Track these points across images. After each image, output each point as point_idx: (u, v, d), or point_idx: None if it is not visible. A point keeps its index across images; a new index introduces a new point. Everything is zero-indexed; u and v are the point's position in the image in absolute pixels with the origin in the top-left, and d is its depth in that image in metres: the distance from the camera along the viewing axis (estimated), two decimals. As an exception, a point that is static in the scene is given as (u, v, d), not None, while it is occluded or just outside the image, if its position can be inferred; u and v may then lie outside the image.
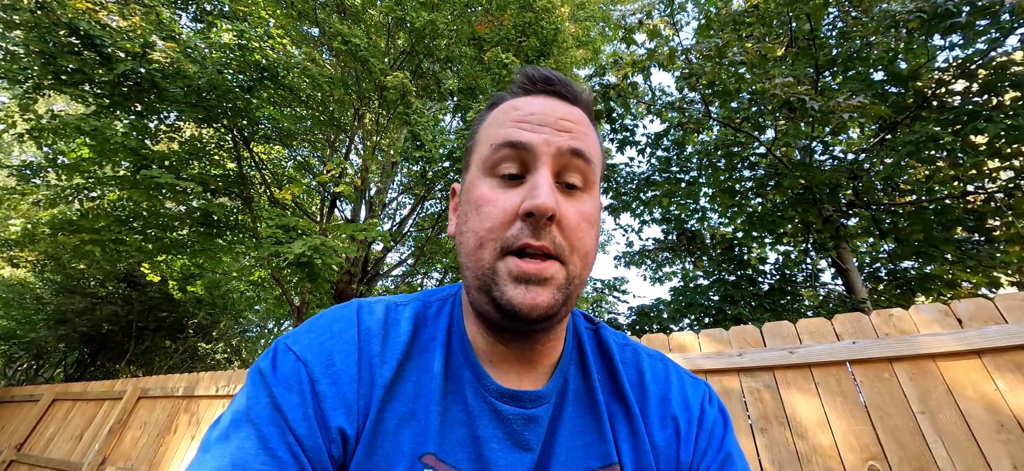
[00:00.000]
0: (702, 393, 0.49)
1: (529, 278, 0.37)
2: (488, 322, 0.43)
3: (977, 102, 3.00)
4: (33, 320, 9.70)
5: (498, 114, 0.45)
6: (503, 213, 0.39)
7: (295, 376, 0.39)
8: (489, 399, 0.43)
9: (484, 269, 0.39)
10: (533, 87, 0.45)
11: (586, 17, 8.33)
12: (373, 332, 0.44)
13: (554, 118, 0.42)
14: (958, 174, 3.42)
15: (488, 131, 0.44)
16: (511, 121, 0.42)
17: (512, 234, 0.38)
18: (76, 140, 4.68)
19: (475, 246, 0.40)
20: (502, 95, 0.48)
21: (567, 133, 0.41)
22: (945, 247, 3.40)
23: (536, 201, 0.37)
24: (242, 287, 9.02)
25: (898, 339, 1.54)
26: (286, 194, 6.20)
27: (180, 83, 4.23)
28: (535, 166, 0.40)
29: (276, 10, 5.68)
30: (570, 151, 0.41)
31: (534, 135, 0.40)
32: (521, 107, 0.43)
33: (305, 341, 0.41)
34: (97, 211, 5.38)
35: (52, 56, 3.92)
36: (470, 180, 0.44)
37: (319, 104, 6.13)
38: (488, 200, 0.40)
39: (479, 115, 0.50)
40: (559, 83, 0.45)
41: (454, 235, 0.46)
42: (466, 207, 0.42)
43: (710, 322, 4.43)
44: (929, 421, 1.41)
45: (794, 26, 3.64)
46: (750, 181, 4.62)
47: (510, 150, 0.40)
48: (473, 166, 0.44)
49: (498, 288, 0.38)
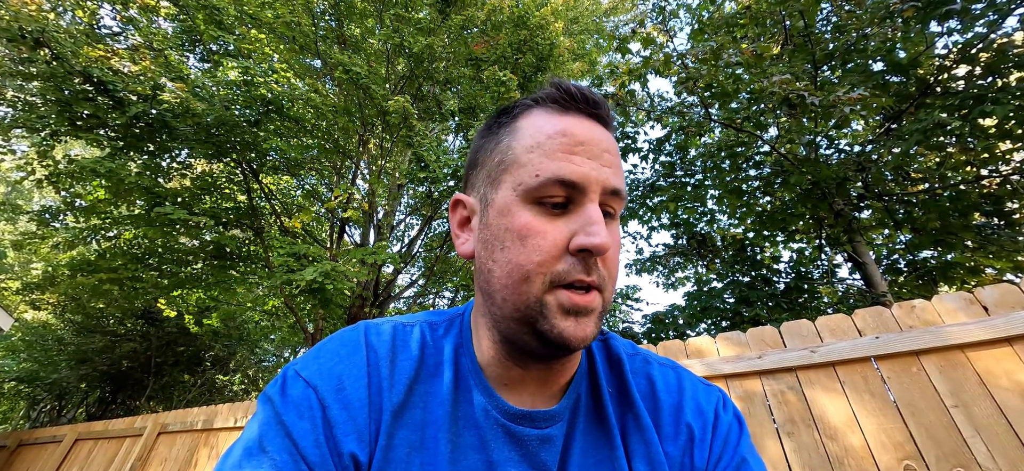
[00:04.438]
0: (716, 398, 0.48)
1: (579, 310, 0.38)
2: (518, 349, 0.42)
3: (982, 85, 2.95)
4: (55, 361, 9.87)
5: (537, 134, 0.41)
6: (554, 247, 0.38)
7: (305, 402, 0.38)
8: (502, 421, 0.42)
9: (530, 302, 0.38)
10: (574, 105, 0.42)
11: (580, 31, 8.46)
12: (381, 354, 0.43)
13: (600, 150, 0.41)
14: (970, 159, 3.35)
15: (532, 156, 0.40)
16: (560, 150, 0.39)
17: (563, 268, 0.38)
18: (92, 183, 4.83)
19: (519, 279, 0.38)
20: (528, 103, 0.44)
21: (610, 168, 0.41)
22: (964, 234, 3.31)
23: (595, 240, 0.37)
24: (256, 317, 9.11)
25: (923, 331, 1.49)
26: (296, 222, 6.30)
27: (189, 121, 4.37)
28: (583, 200, 0.39)
29: (279, 45, 5.87)
30: (613, 191, 0.40)
31: (587, 171, 0.39)
32: (569, 131, 0.40)
33: (314, 366, 0.41)
34: (114, 250, 5.51)
35: (67, 103, 4.09)
36: (504, 204, 0.41)
37: (324, 133, 6.27)
38: (536, 231, 0.38)
39: (493, 122, 0.46)
40: (602, 106, 0.43)
41: (472, 256, 0.45)
42: (501, 233, 0.40)
43: (727, 325, 4.34)
44: (964, 415, 1.35)
45: (788, 24, 3.65)
46: (756, 180, 4.58)
47: (561, 187, 0.39)
48: (506, 187, 0.41)
49: (547, 321, 0.38)
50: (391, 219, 8.16)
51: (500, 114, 0.46)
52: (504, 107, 0.46)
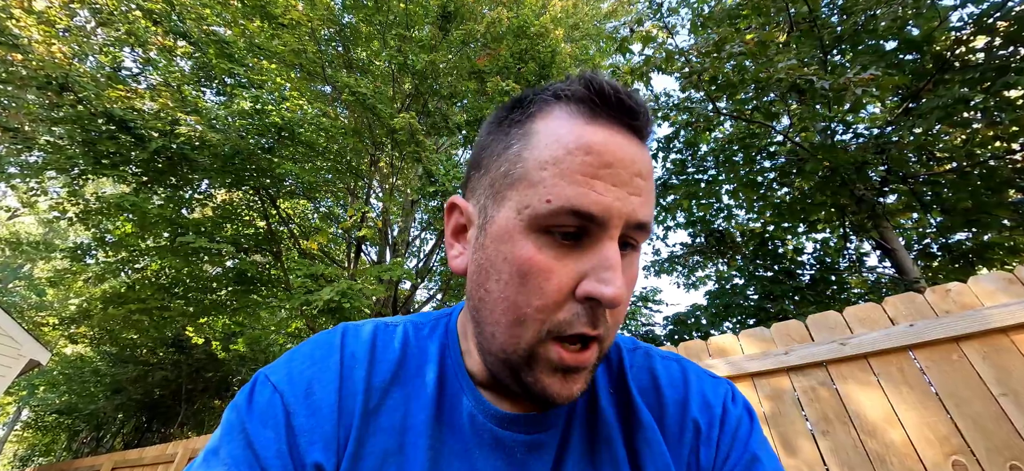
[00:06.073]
0: (725, 391, 0.44)
1: (569, 368, 0.34)
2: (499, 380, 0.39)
3: (1003, 55, 2.82)
4: (92, 393, 10.26)
5: (554, 145, 0.34)
6: (557, 291, 0.32)
7: (270, 409, 0.37)
8: (489, 426, 0.39)
9: (519, 349, 0.34)
10: (604, 109, 0.34)
11: (582, 36, 8.49)
12: (358, 357, 0.41)
13: (630, 175, 0.33)
14: (999, 133, 3.19)
15: (545, 174, 0.33)
16: (580, 172, 0.32)
17: (565, 318, 0.32)
18: (119, 218, 5.05)
19: (512, 321, 0.34)
20: (548, 99, 0.36)
21: (639, 196, 0.33)
22: (999, 212, 3.14)
23: (607, 291, 0.31)
24: (281, 340, 9.30)
25: (961, 315, 1.40)
26: (313, 244, 6.44)
27: (207, 152, 4.54)
28: (601, 236, 0.32)
29: (289, 74, 6.07)
30: (638, 225, 0.34)
31: (611, 201, 0.32)
32: (595, 148, 0.33)
33: (284, 371, 0.40)
34: (142, 282, 5.73)
35: (92, 143, 4.30)
36: (505, 227, 0.34)
37: (336, 155, 6.42)
38: (540, 270, 0.32)
39: (503, 117, 0.39)
40: (641, 114, 0.34)
41: (461, 272, 0.40)
42: (499, 262, 0.34)
43: (753, 323, 4.21)
44: (1014, 404, 1.26)
45: (792, 11, 3.58)
46: (772, 171, 4.46)
47: (576, 218, 0.32)
48: (510, 207, 0.34)
49: (532, 375, 0.34)
50: (406, 235, 8.25)
51: (514, 106, 0.39)
52: (519, 97, 0.39)
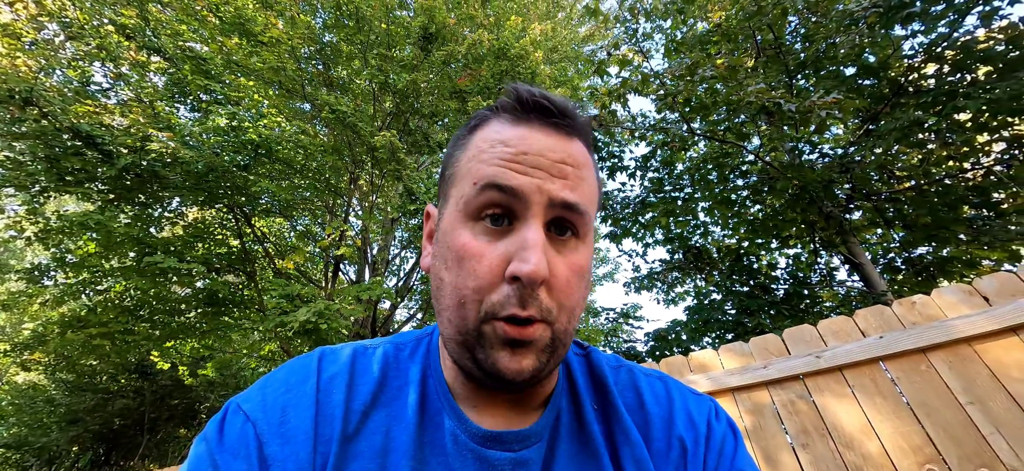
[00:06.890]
0: (708, 408, 0.45)
1: (514, 342, 0.34)
2: (471, 378, 0.39)
3: (952, 81, 3.04)
4: (45, 424, 9.52)
5: (482, 143, 0.38)
6: (488, 272, 0.34)
7: (242, 440, 0.36)
8: (472, 446, 0.38)
9: (467, 329, 0.35)
10: (525, 113, 0.38)
11: (560, 58, 8.72)
12: (335, 381, 0.40)
13: (550, 161, 0.36)
14: (951, 153, 3.41)
15: (471, 165, 0.37)
16: (499, 158, 0.36)
17: (497, 300, 0.34)
18: (82, 237, 4.79)
19: (457, 303, 0.36)
20: (485, 114, 0.41)
21: (562, 179, 0.36)
22: (956, 227, 3.33)
23: (525, 268, 0.32)
24: (253, 363, 8.89)
25: (927, 327, 1.46)
26: (289, 263, 6.25)
27: (179, 170, 4.39)
28: (524, 215, 0.35)
29: (268, 91, 5.98)
30: (563, 204, 0.35)
31: (525, 180, 0.35)
32: (512, 141, 0.36)
33: (257, 399, 0.38)
34: (105, 304, 5.41)
35: (56, 159, 4.10)
36: (449, 220, 0.38)
37: (314, 173, 6.31)
38: (471, 253, 0.35)
39: (457, 135, 0.43)
40: (557, 110, 0.38)
41: (428, 271, 0.42)
42: (445, 251, 0.38)
43: (731, 337, 4.27)
44: (981, 412, 1.30)
45: (759, 38, 3.78)
46: (745, 189, 4.62)
47: (497, 194, 0.35)
48: (451, 202, 0.38)
49: (483, 351, 0.35)
50: (386, 254, 8.11)
51: (467, 125, 0.43)
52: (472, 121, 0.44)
